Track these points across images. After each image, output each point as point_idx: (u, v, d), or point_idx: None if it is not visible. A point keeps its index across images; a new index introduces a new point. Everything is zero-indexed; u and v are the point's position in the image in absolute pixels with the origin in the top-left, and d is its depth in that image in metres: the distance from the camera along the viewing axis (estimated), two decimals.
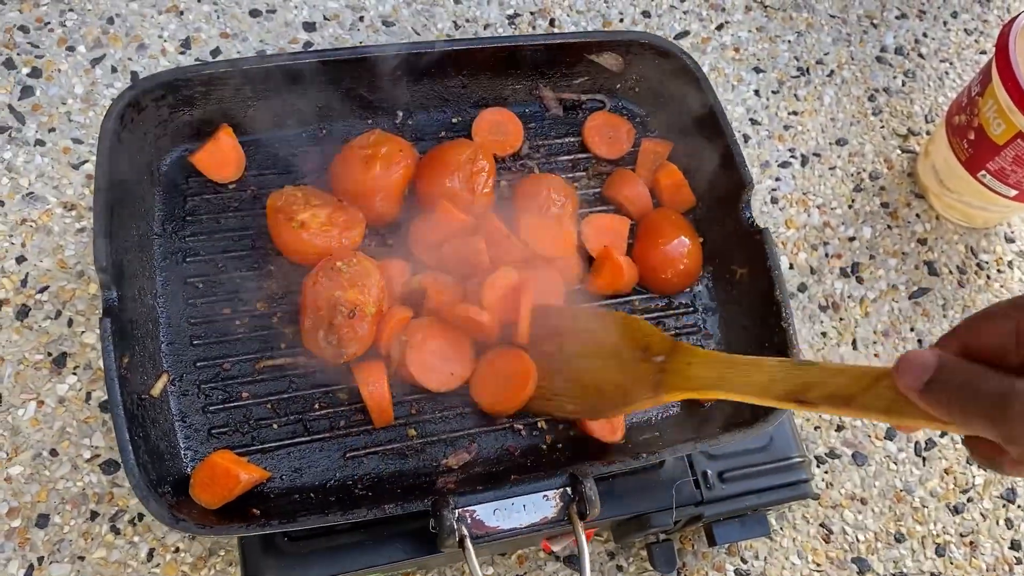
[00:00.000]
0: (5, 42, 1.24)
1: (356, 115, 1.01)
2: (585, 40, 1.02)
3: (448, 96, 1.03)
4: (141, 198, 0.91)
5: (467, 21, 1.37)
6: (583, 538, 0.76)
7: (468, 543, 0.75)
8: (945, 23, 1.54)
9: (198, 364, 0.88)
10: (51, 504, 1.02)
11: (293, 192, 0.91)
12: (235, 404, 0.87)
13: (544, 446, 0.91)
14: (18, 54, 1.24)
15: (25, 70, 1.23)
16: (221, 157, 0.94)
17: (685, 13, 1.46)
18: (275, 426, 0.87)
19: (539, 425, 0.91)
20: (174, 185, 0.94)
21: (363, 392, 0.86)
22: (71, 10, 1.28)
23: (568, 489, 0.79)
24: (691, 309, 1.00)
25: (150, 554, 1.01)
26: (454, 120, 1.04)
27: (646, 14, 1.44)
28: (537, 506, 0.79)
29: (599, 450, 0.90)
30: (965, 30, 1.54)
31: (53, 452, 1.04)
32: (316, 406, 0.88)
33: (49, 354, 1.08)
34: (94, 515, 1.02)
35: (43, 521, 1.01)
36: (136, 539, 1.01)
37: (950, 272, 1.33)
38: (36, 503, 1.02)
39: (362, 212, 0.94)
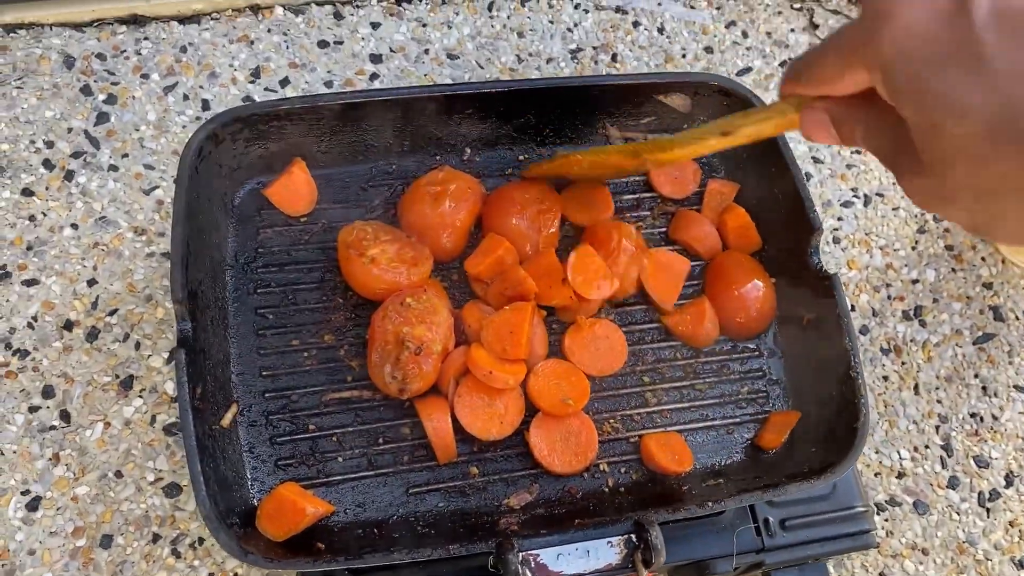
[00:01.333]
0: (83, 69, 1.28)
1: (425, 151, 1.02)
2: (654, 81, 1.02)
3: (515, 134, 1.04)
4: (215, 229, 0.93)
5: (530, 55, 1.38)
6: None
7: None
8: None
9: (266, 395, 0.89)
10: (115, 525, 1.04)
11: (363, 227, 0.93)
12: (302, 436, 0.88)
13: (606, 489, 0.90)
14: (95, 81, 1.27)
15: (101, 96, 1.26)
16: (294, 190, 0.96)
17: (748, 49, 1.45)
18: (340, 459, 0.88)
19: (601, 468, 0.91)
20: (247, 217, 0.96)
21: (426, 428, 0.87)
22: (146, 39, 1.32)
23: (633, 536, 0.78)
24: (756, 353, 0.99)
25: None
26: (521, 158, 1.05)
27: (708, 50, 1.44)
28: (601, 552, 0.78)
29: (662, 495, 0.89)
30: None
31: (118, 473, 1.06)
32: (380, 440, 0.89)
33: (117, 376, 1.10)
34: (156, 537, 1.03)
35: (107, 542, 1.03)
36: (196, 563, 1.03)
37: (1016, 318, 1.30)
38: (101, 523, 1.03)
39: (431, 246, 0.95)
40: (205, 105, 1.27)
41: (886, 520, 1.15)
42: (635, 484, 0.91)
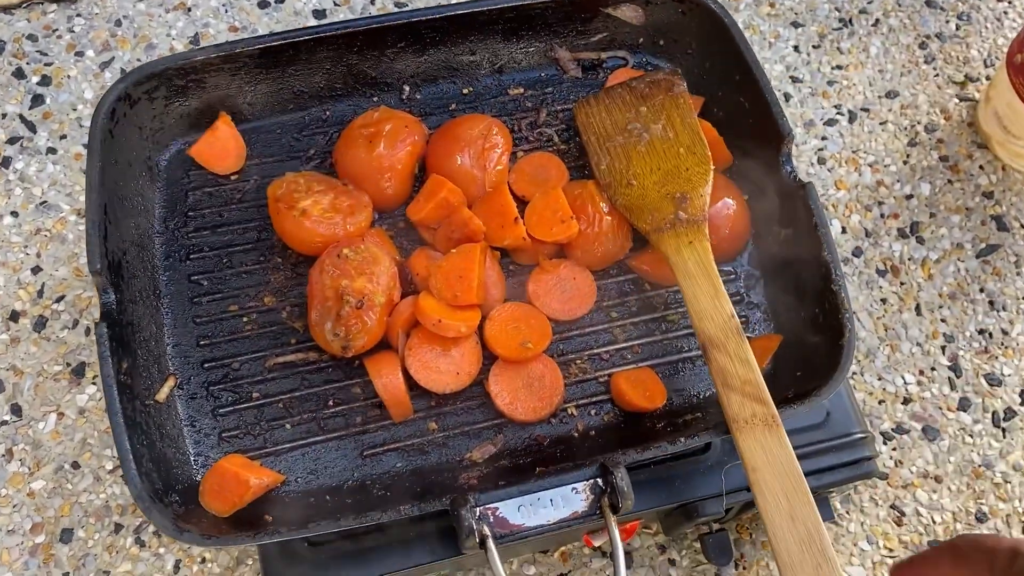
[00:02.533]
0: (14, 52, 1.22)
1: (360, 93, 0.96)
2: None
3: (456, 65, 0.97)
4: (140, 195, 0.87)
5: None
6: (616, 533, 0.69)
7: (491, 543, 0.69)
8: None
9: (205, 365, 0.84)
10: (75, 518, 0.99)
11: (294, 179, 0.86)
12: (246, 405, 0.83)
13: (576, 434, 0.84)
14: (27, 63, 1.22)
15: (35, 79, 1.21)
16: (220, 148, 0.90)
17: None
18: (288, 426, 0.82)
19: (569, 412, 0.85)
20: (174, 180, 0.90)
21: (377, 386, 0.81)
22: (78, 15, 1.26)
23: (599, 480, 0.72)
24: (732, 276, 0.92)
25: (176, 566, 0.97)
26: (464, 91, 0.98)
27: None
28: (566, 500, 0.72)
29: (635, 436, 0.82)
30: None
31: (75, 465, 1.01)
32: (330, 403, 0.83)
33: (68, 364, 1.05)
34: (118, 527, 0.99)
35: (67, 536, 0.98)
36: (162, 551, 0.98)
37: (1021, 226, 1.21)
38: (60, 517, 0.99)
39: (370, 195, 0.89)
40: None
41: (894, 450, 1.08)
42: (607, 426, 0.84)
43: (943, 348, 1.14)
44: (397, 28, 0.90)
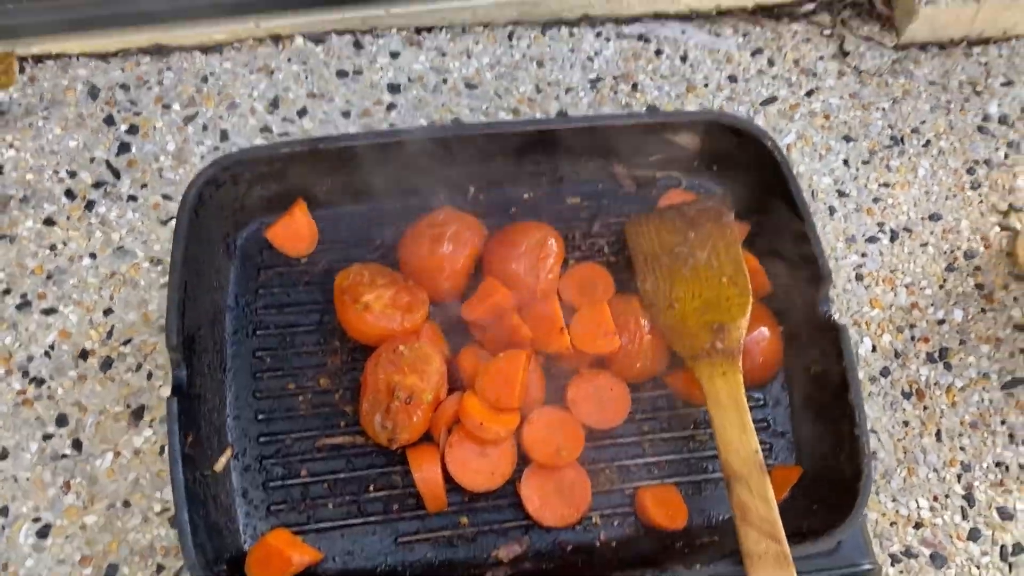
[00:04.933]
0: (107, 99, 1.31)
1: (428, 189, 1.02)
2: (660, 121, 1.00)
3: (520, 173, 1.03)
4: (216, 271, 0.94)
5: (549, 85, 1.37)
6: None
7: None
8: None
9: (261, 439, 0.90)
10: (121, 555, 1.05)
11: (360, 271, 0.93)
12: (294, 481, 0.89)
13: (598, 543, 0.89)
14: (118, 111, 1.30)
15: (124, 127, 1.29)
16: (295, 232, 0.96)
17: (774, 78, 1.42)
18: (331, 506, 0.88)
19: (594, 521, 0.90)
20: (249, 258, 0.97)
21: (415, 477, 0.87)
22: (169, 68, 1.34)
23: None
24: (761, 403, 0.97)
25: None
26: (525, 196, 1.04)
27: (732, 79, 1.41)
28: None
29: (653, 552, 0.87)
30: None
31: (126, 503, 1.08)
32: (371, 487, 0.89)
33: (128, 406, 1.12)
34: (160, 568, 1.05)
35: (112, 571, 1.04)
36: None
37: None
38: (107, 552, 1.05)
39: (429, 289, 0.95)
40: (223, 135, 1.29)
41: (900, 573, 1.12)
42: (628, 539, 0.89)
43: (959, 476, 1.18)
44: (471, 139, 0.96)
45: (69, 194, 1.23)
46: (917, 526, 1.14)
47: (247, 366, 0.93)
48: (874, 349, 1.24)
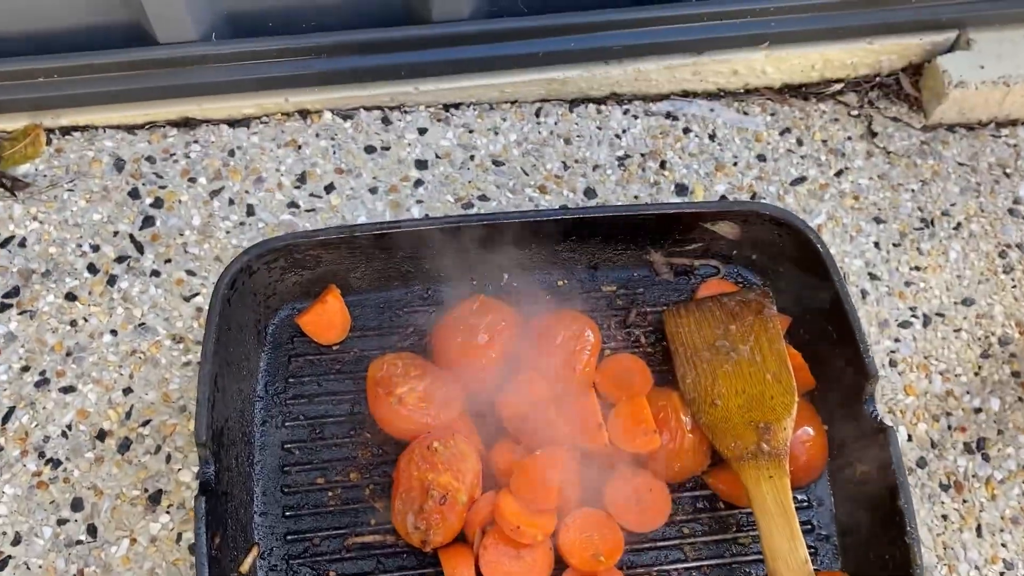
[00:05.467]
0: (133, 172, 1.30)
1: (462, 276, 1.00)
2: (701, 211, 0.99)
3: (555, 259, 1.01)
4: (247, 358, 0.92)
5: (576, 162, 1.36)
6: None
7: None
8: None
9: (288, 537, 0.87)
10: None
11: (393, 361, 0.90)
12: None
13: None
14: (143, 184, 1.29)
15: (148, 200, 1.27)
16: (327, 319, 0.94)
17: (803, 158, 1.41)
18: None
19: None
20: (280, 345, 0.95)
21: None
22: (196, 141, 1.33)
23: None
24: (805, 504, 0.94)
25: None
26: (559, 283, 1.02)
27: (761, 158, 1.40)
28: None
29: None
30: None
31: None
32: None
33: (146, 490, 1.09)
34: None
35: None
36: None
37: None
38: None
39: (463, 378, 0.92)
40: (250, 210, 1.27)
41: None
42: None
43: (1001, 575, 1.14)
44: (506, 227, 0.94)
45: (91, 268, 1.22)
46: None
47: (276, 458, 0.90)
48: (910, 439, 1.21)
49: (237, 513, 0.85)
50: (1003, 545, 1.15)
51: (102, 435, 1.12)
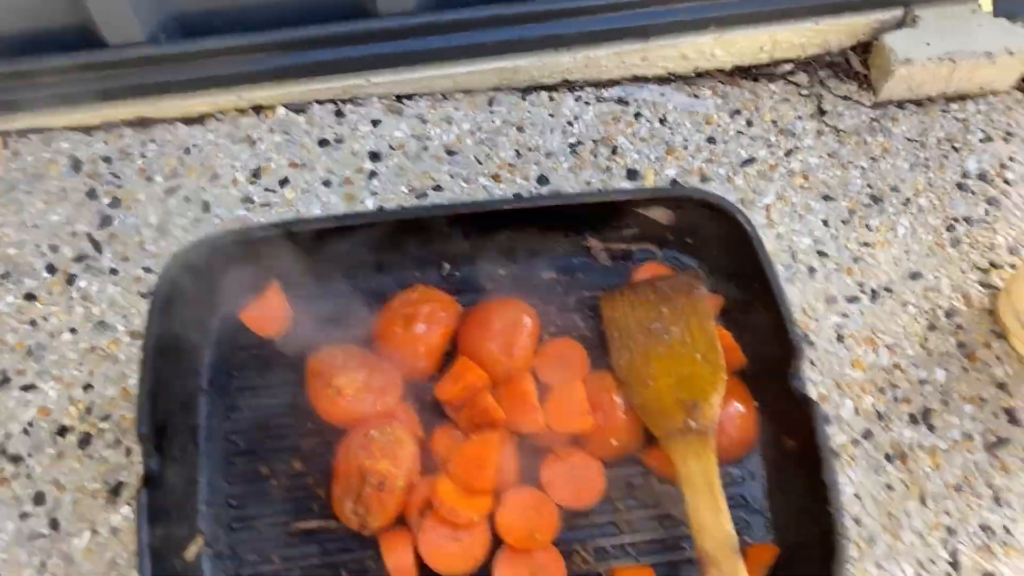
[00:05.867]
0: (90, 172, 1.32)
1: (403, 267, 1.03)
2: (633, 197, 1.01)
3: (496, 249, 1.04)
4: (191, 355, 0.94)
5: (529, 150, 1.38)
6: None
7: None
8: None
9: (233, 526, 0.90)
10: None
11: (332, 354, 0.93)
12: (267, 568, 0.88)
13: None
14: (101, 184, 1.31)
15: (106, 200, 1.30)
16: (269, 313, 0.97)
17: (753, 139, 1.43)
18: None
19: None
20: (224, 341, 0.97)
21: (388, 563, 0.86)
22: (152, 141, 1.35)
23: None
24: (739, 479, 0.96)
25: None
26: (500, 271, 1.05)
27: (711, 140, 1.42)
28: None
29: None
30: None
31: None
32: (344, 574, 0.88)
33: (106, 483, 1.12)
34: None
35: None
36: None
37: None
38: None
39: (403, 369, 0.95)
40: (205, 207, 1.30)
41: None
42: None
43: (944, 541, 1.17)
44: (445, 218, 0.97)
45: (50, 268, 1.24)
46: None
47: (220, 449, 0.93)
48: (856, 411, 1.24)
49: (181, 504, 0.88)
50: (946, 512, 1.18)
51: (63, 431, 1.14)
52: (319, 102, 1.39)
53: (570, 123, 1.42)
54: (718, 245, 1.03)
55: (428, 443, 0.92)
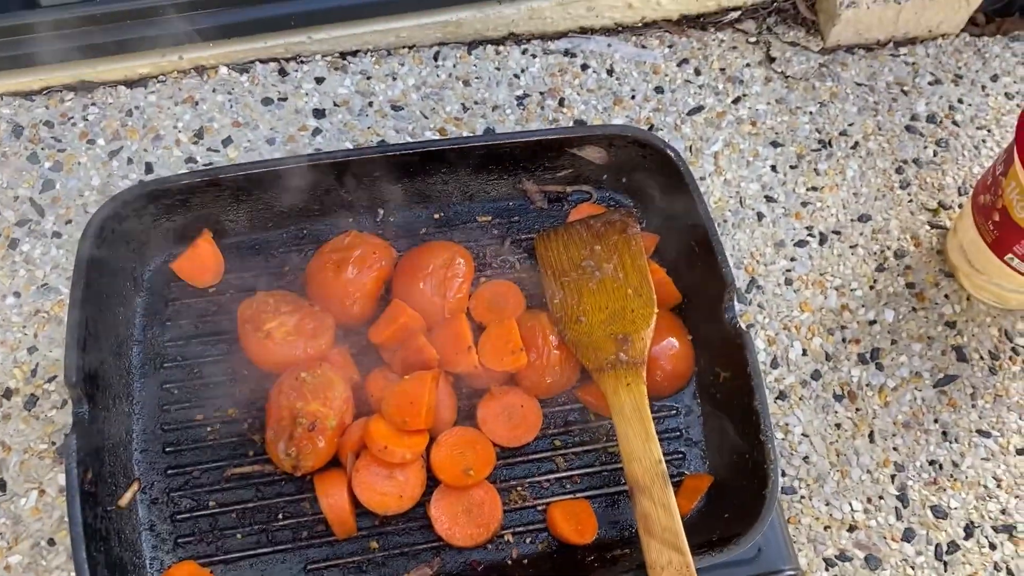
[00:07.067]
0: (31, 137, 1.31)
1: (336, 214, 1.02)
2: (565, 136, 1.00)
3: (429, 193, 1.03)
4: (122, 305, 0.94)
5: (475, 103, 1.37)
6: None
7: None
8: (984, 87, 1.47)
9: (169, 472, 0.90)
10: None
11: (264, 299, 0.93)
12: (203, 513, 0.88)
13: (510, 561, 0.88)
14: (42, 148, 1.30)
15: (48, 164, 1.29)
16: (200, 263, 0.96)
17: (700, 88, 1.43)
18: (239, 536, 0.88)
19: (506, 539, 0.89)
20: (156, 291, 0.97)
21: (322, 504, 0.86)
22: (93, 104, 1.34)
23: None
24: (673, 412, 0.97)
25: None
26: (436, 216, 1.04)
27: (659, 90, 1.42)
28: None
29: (565, 567, 0.87)
30: (1006, 94, 1.47)
31: (51, 541, 1.07)
32: (280, 516, 0.89)
33: (53, 443, 1.12)
34: None
35: None
36: None
37: (981, 358, 1.25)
38: None
39: (337, 314, 0.95)
40: (148, 168, 1.29)
41: None
42: (540, 555, 0.89)
43: (892, 477, 1.17)
44: (375, 161, 0.96)
45: None
46: (851, 529, 1.14)
47: (155, 398, 0.92)
48: (805, 353, 1.24)
49: (116, 451, 0.87)
50: (895, 449, 1.19)
51: (8, 393, 1.14)
52: (262, 61, 1.38)
53: (516, 76, 1.41)
54: (652, 184, 1.03)
55: (364, 387, 0.92)
